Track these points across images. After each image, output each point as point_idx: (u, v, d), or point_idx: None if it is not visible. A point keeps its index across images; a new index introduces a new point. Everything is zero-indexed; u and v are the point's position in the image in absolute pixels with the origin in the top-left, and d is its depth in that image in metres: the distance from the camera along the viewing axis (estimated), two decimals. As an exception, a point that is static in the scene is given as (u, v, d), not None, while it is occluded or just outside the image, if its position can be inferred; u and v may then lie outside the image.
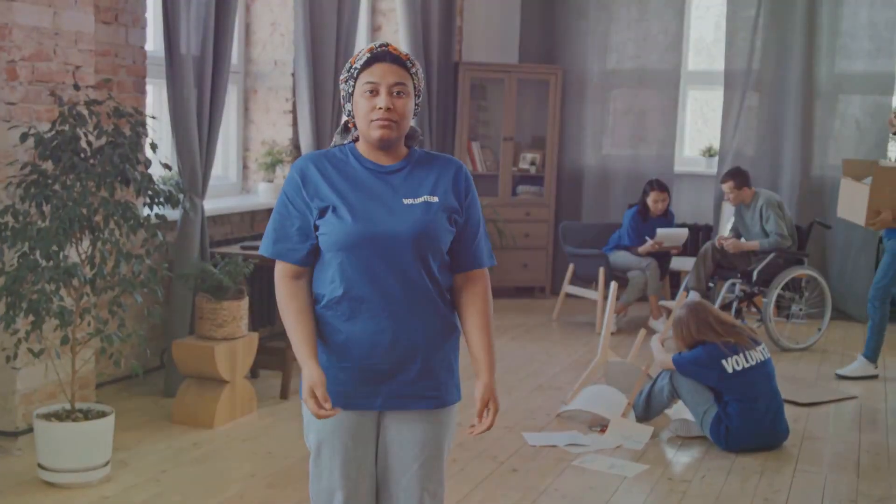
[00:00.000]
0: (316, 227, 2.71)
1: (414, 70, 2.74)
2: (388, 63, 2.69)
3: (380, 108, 2.67)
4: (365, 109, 2.70)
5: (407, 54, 2.74)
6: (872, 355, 6.97)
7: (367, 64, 2.70)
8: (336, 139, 2.88)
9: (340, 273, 2.69)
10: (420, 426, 2.78)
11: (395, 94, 2.68)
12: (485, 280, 2.83)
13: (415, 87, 2.74)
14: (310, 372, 2.64)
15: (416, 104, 2.77)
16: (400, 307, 2.69)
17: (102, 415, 4.58)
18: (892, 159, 8.91)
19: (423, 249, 2.68)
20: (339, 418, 2.75)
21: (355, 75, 2.72)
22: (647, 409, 5.58)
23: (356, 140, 2.81)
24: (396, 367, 2.72)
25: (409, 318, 2.71)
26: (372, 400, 2.74)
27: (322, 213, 2.69)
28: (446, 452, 2.87)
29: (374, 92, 2.68)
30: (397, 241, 2.66)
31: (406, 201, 2.72)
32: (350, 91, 2.74)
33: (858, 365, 6.99)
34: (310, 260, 2.75)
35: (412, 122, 2.80)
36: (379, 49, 2.72)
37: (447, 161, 2.83)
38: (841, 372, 7.00)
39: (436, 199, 2.73)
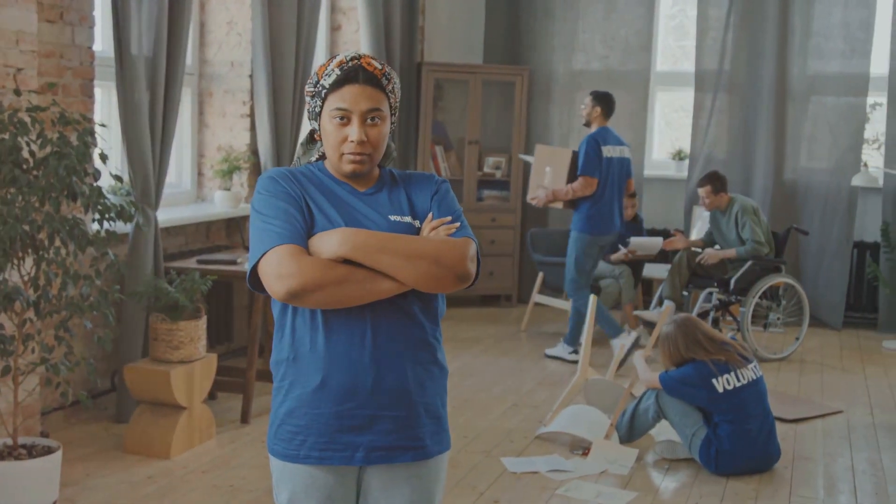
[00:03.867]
0: None
1: (390, 88, 2.39)
2: (361, 84, 2.34)
3: (352, 141, 2.34)
4: (335, 139, 2.36)
5: (383, 66, 2.38)
6: (572, 339, 7.28)
7: (337, 84, 2.34)
8: (299, 151, 2.53)
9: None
10: (407, 484, 2.42)
11: (368, 121, 2.34)
12: None
13: (391, 107, 2.40)
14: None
15: (392, 122, 2.43)
16: (385, 343, 2.34)
17: (48, 451, 4.19)
18: (873, 166, 8.72)
19: None
20: (314, 476, 2.39)
21: (323, 95, 2.37)
22: (631, 431, 5.30)
23: (323, 157, 2.47)
24: (378, 413, 2.35)
25: (395, 357, 2.35)
26: (351, 453, 2.37)
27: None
28: None
29: (344, 119, 2.34)
30: None
31: (393, 217, 2.40)
32: (317, 111, 2.39)
33: (561, 347, 7.37)
34: None
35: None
36: (350, 64, 2.35)
37: (423, 178, 2.50)
38: (549, 352, 7.38)
39: (417, 222, 2.41)
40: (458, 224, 2.39)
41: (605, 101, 7.29)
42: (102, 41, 5.69)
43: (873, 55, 8.56)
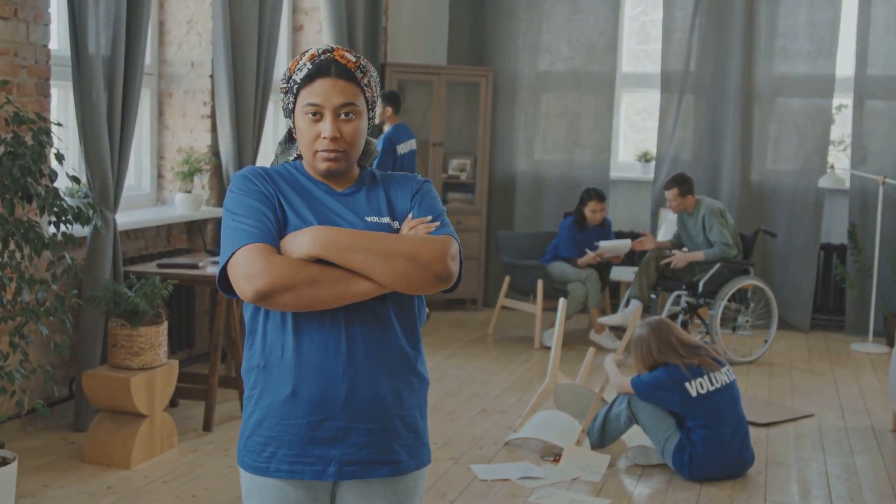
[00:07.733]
0: None
1: (366, 81, 2.27)
2: (334, 78, 2.23)
3: (325, 138, 2.22)
4: (308, 136, 2.24)
5: (358, 58, 2.27)
6: None
7: (309, 79, 2.23)
8: (277, 150, 2.41)
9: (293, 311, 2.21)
10: (383, 501, 2.30)
11: (342, 116, 2.23)
12: None
13: (367, 101, 2.29)
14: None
15: (370, 118, 2.32)
16: (360, 351, 2.22)
17: (3, 462, 4.03)
18: (838, 167, 8.71)
19: None
20: (284, 490, 2.27)
21: (295, 90, 2.26)
22: (603, 436, 5.20)
23: (300, 156, 2.36)
24: (352, 426, 2.23)
25: (370, 366, 2.23)
26: (323, 467, 2.24)
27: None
28: None
29: (317, 115, 2.23)
30: None
31: (370, 219, 2.28)
32: (290, 107, 2.29)
33: None
34: None
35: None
36: (322, 58, 2.24)
37: (404, 178, 2.38)
38: None
39: (396, 223, 2.30)
40: (438, 223, 2.28)
41: (392, 101, 7.75)
42: (59, 39, 5.53)
43: (839, 56, 8.54)
